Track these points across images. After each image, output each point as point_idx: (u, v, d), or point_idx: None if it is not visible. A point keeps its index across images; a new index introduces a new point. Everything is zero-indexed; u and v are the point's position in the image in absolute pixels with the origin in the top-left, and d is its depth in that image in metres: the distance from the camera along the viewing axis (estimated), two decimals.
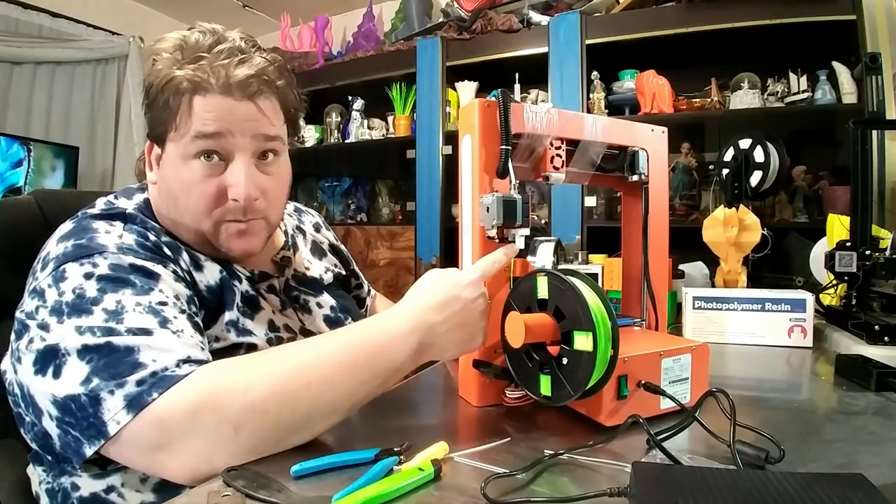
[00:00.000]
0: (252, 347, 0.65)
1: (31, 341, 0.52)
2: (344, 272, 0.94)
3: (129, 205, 0.67)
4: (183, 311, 0.57)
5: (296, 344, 0.57)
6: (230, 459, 0.47)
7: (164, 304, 0.56)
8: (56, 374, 0.50)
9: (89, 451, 0.49)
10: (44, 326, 0.52)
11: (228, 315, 0.65)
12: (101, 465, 0.56)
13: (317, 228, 0.95)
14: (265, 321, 0.69)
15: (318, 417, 0.51)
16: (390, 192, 2.90)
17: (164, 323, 0.53)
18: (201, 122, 0.61)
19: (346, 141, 2.75)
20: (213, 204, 0.64)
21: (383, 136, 2.66)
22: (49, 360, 0.51)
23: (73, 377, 0.49)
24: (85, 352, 0.50)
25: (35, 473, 0.63)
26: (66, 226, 0.62)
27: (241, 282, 0.69)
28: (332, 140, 2.81)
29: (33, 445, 0.57)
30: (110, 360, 0.49)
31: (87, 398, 0.48)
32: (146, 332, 0.52)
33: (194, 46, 0.62)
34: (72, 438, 0.49)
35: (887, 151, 1.68)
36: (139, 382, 0.48)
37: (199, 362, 0.52)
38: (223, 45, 0.62)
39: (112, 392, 0.48)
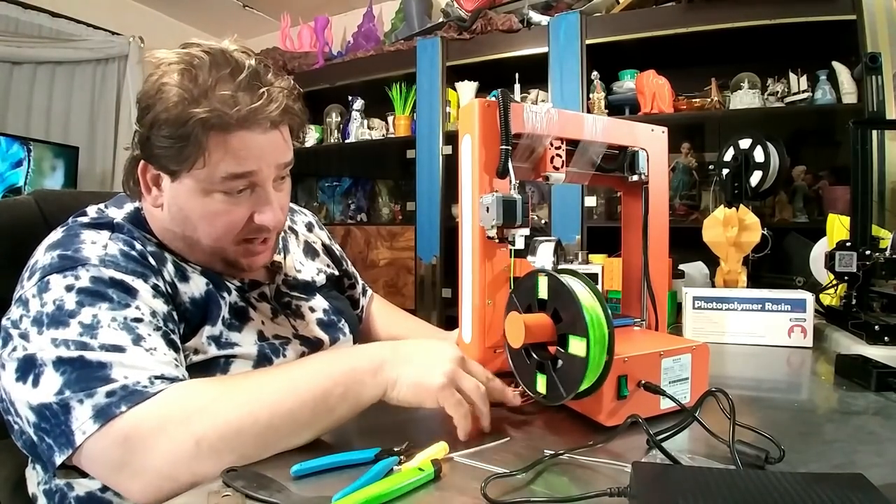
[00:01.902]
0: (233, 359, 0.65)
1: (14, 350, 0.53)
2: (337, 272, 0.94)
3: (118, 214, 0.67)
4: (158, 329, 0.57)
5: (268, 373, 0.57)
6: (192, 476, 0.47)
7: (139, 320, 0.56)
8: (35, 383, 0.51)
9: (59, 459, 0.49)
10: (24, 336, 0.53)
11: (210, 329, 0.65)
12: (84, 474, 0.56)
13: (309, 228, 0.94)
14: (254, 332, 0.69)
15: (278, 445, 0.50)
16: (390, 192, 2.90)
17: (137, 340, 0.54)
18: (232, 163, 0.60)
19: (346, 141, 2.75)
20: (239, 230, 0.65)
21: (383, 136, 2.66)
22: (28, 368, 0.51)
23: (48, 387, 0.50)
24: (59, 363, 0.51)
25: (34, 474, 0.63)
26: (56, 234, 0.62)
27: (229, 293, 0.69)
28: (332, 140, 2.81)
29: (25, 451, 0.57)
30: (82, 373, 0.50)
31: (58, 406, 0.49)
32: (119, 348, 0.52)
33: (207, 72, 0.58)
34: (46, 446, 0.50)
35: (887, 151, 1.68)
36: (109, 394, 0.49)
37: (173, 380, 0.53)
38: (242, 75, 0.59)
39: (81, 402, 0.49)
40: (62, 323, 0.53)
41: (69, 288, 0.55)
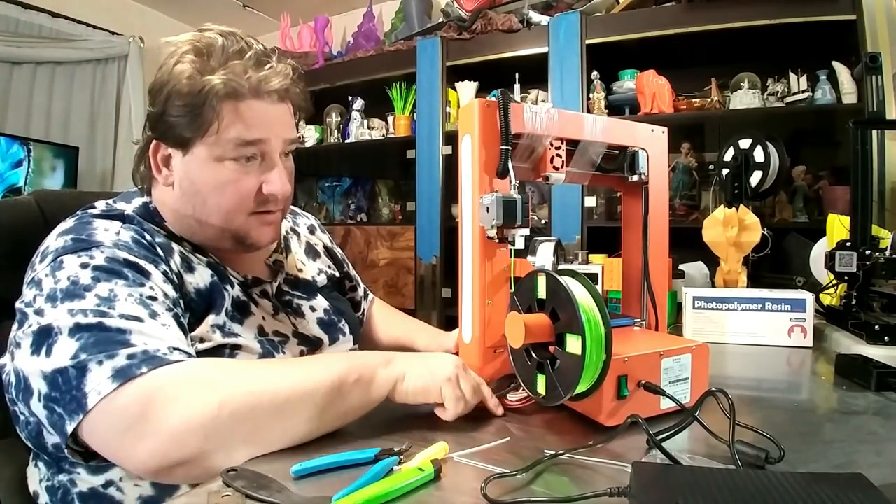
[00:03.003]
0: (237, 348, 0.66)
1: (29, 326, 0.53)
2: (338, 274, 0.94)
3: (127, 207, 0.68)
4: (169, 310, 0.58)
5: (283, 361, 0.60)
6: (203, 441, 0.47)
7: (153, 298, 0.57)
8: (49, 353, 0.51)
9: (70, 426, 0.48)
10: (39, 312, 0.54)
11: (214, 318, 0.66)
12: (89, 458, 0.56)
13: (311, 230, 0.95)
14: (254, 327, 0.70)
15: (290, 424, 0.51)
16: (390, 192, 2.90)
17: (153, 315, 0.55)
18: (245, 128, 0.63)
19: (346, 141, 2.75)
20: (249, 200, 0.67)
21: (383, 136, 2.66)
22: (43, 339, 0.52)
23: (63, 352, 0.50)
24: (76, 330, 0.51)
25: (36, 472, 0.63)
26: (67, 223, 0.64)
27: (232, 287, 0.70)
28: (332, 140, 2.81)
29: (29, 444, 0.57)
30: (101, 337, 0.50)
31: (74, 370, 0.49)
32: (137, 319, 0.53)
33: (220, 50, 0.62)
34: (57, 417, 0.49)
35: (887, 151, 1.68)
36: (130, 356, 0.49)
37: (189, 355, 0.54)
38: (251, 52, 0.64)
39: (101, 363, 0.49)
40: (78, 296, 0.53)
41: (84, 266, 0.56)
